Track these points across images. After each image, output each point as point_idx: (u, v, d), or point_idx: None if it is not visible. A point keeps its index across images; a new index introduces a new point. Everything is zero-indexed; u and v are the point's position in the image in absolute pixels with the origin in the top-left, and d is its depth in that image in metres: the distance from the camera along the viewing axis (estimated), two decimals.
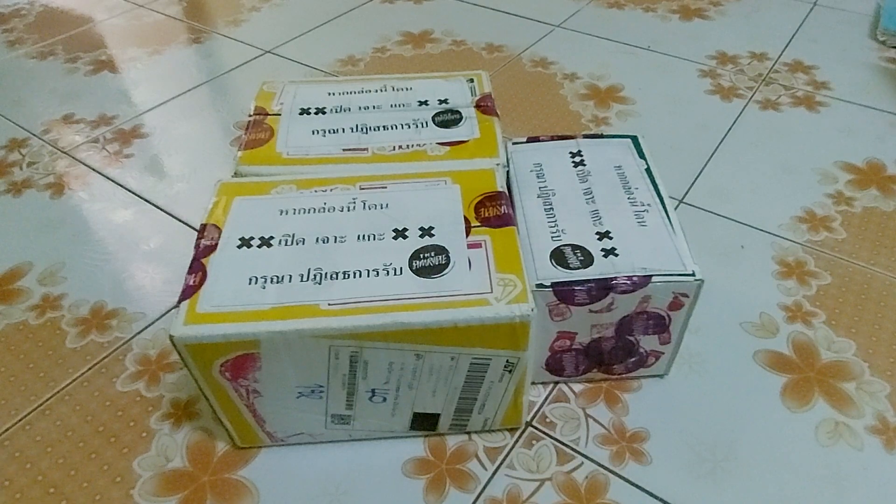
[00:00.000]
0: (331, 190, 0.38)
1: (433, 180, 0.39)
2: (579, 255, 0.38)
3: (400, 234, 0.35)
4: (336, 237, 0.35)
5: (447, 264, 0.33)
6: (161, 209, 0.58)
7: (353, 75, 0.74)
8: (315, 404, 0.36)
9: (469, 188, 0.38)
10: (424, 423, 0.38)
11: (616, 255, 0.37)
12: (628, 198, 0.41)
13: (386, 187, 0.38)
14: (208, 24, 0.87)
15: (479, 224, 0.36)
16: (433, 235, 0.35)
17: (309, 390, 0.34)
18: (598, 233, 0.39)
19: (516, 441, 0.40)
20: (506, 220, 0.36)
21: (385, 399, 0.36)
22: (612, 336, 0.39)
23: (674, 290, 0.37)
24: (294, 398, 0.35)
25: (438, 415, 0.38)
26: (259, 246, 0.35)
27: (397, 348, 0.32)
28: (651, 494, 0.37)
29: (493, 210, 0.36)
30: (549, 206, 0.41)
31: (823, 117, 0.66)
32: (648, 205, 0.41)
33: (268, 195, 0.38)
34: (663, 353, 0.41)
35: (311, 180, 0.39)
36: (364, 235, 0.35)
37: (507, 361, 0.34)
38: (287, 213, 0.37)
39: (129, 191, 0.60)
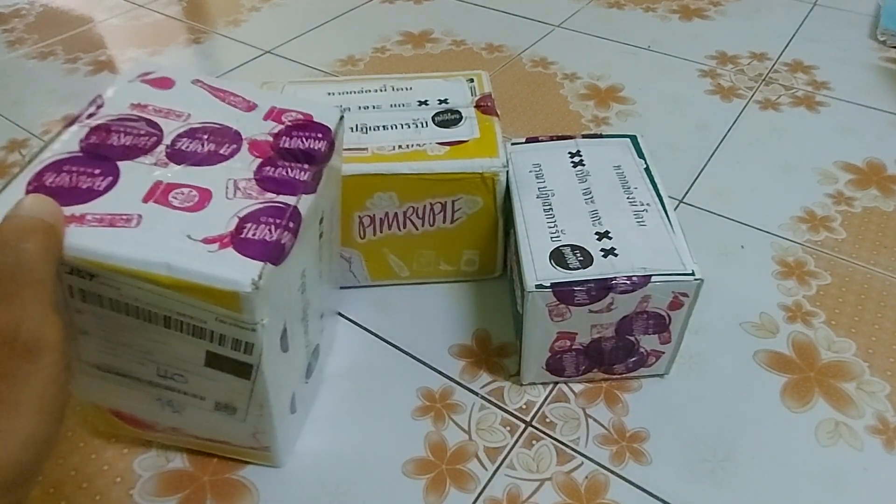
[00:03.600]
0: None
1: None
2: (579, 255, 0.38)
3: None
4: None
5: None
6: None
7: (353, 75, 0.74)
8: None
9: None
10: None
11: (615, 255, 0.37)
12: (628, 198, 0.41)
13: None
14: (208, 24, 0.87)
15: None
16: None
17: None
18: (597, 233, 0.39)
19: (516, 441, 0.40)
20: None
21: None
22: (613, 336, 0.39)
23: (673, 289, 0.37)
24: None
25: None
26: None
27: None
28: (651, 494, 0.37)
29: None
30: (548, 207, 0.41)
31: (823, 117, 0.66)
32: (648, 204, 0.41)
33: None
34: (663, 353, 0.41)
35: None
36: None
37: None
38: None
39: None
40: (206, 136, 0.32)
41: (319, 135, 0.34)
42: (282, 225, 0.29)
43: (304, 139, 0.33)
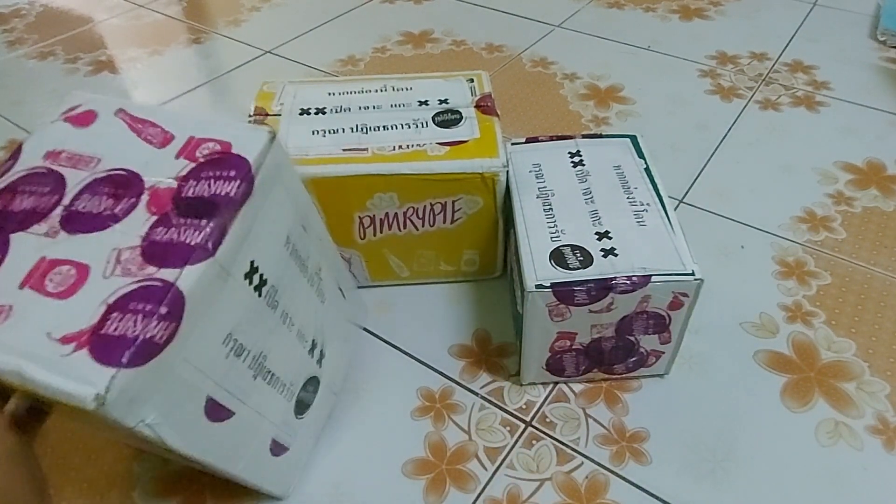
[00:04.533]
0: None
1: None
2: (579, 255, 0.38)
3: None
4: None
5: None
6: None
7: (353, 75, 0.74)
8: None
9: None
10: None
11: (615, 255, 0.37)
12: (627, 198, 0.41)
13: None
14: (208, 24, 0.87)
15: None
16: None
17: None
18: (597, 233, 0.39)
19: (516, 441, 0.40)
20: None
21: None
22: (613, 336, 0.39)
23: (673, 289, 0.37)
24: None
25: None
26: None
27: None
28: (651, 494, 0.37)
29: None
30: (548, 207, 0.41)
31: (823, 117, 0.66)
32: (648, 204, 0.41)
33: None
34: (663, 353, 0.41)
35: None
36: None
37: None
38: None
39: None
40: (106, 190, 0.30)
41: (233, 172, 0.29)
42: (152, 313, 0.25)
43: (212, 181, 0.29)
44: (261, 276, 0.31)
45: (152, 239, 0.28)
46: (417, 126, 0.44)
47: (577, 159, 0.45)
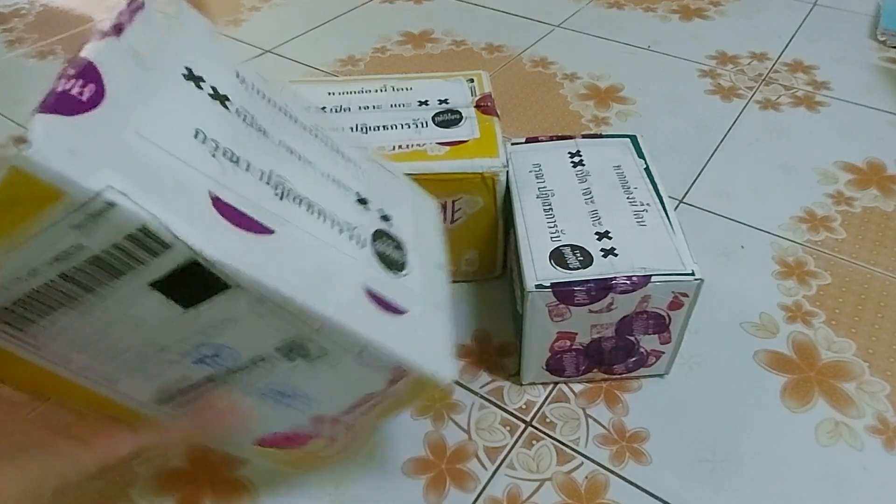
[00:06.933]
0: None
1: None
2: (579, 255, 0.38)
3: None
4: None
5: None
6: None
7: (353, 75, 0.74)
8: None
9: None
10: None
11: (615, 255, 0.37)
12: (627, 198, 0.41)
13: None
14: None
15: None
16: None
17: None
18: (597, 233, 0.39)
19: (516, 441, 0.40)
20: None
21: None
22: (612, 336, 0.39)
23: (673, 289, 0.37)
24: None
25: None
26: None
27: None
28: (651, 494, 0.37)
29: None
30: (548, 207, 0.41)
31: (823, 117, 0.66)
32: (648, 204, 0.41)
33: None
34: (663, 353, 0.41)
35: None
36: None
37: None
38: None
39: None
40: None
41: None
42: (66, 76, 0.22)
43: None
44: (213, 87, 0.27)
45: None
46: (417, 126, 0.44)
47: (577, 159, 0.45)
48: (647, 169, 0.44)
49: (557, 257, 0.38)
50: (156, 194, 0.21)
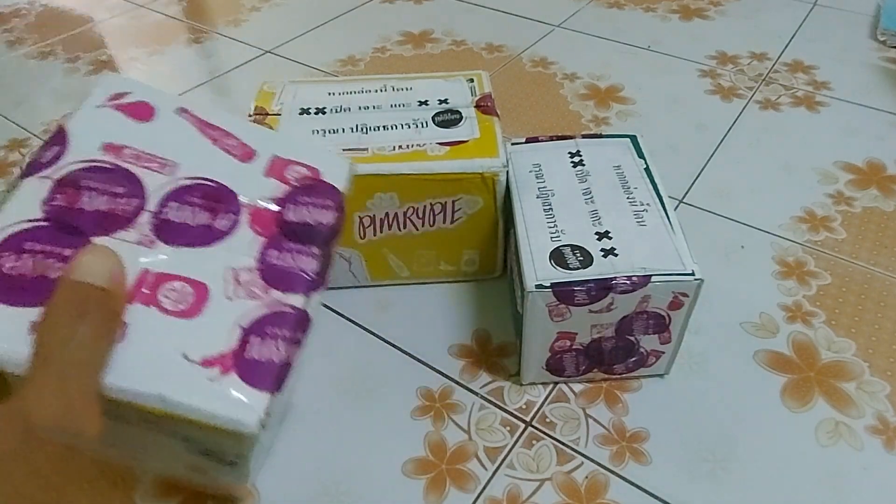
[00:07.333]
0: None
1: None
2: (579, 255, 0.38)
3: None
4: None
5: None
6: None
7: (353, 75, 0.74)
8: None
9: None
10: None
11: (615, 255, 0.37)
12: (627, 197, 0.41)
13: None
14: (208, 24, 0.87)
15: None
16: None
17: None
18: (597, 233, 0.39)
19: (516, 441, 0.40)
20: None
21: None
22: (613, 336, 0.39)
23: (673, 289, 0.37)
24: None
25: None
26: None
27: None
28: (651, 494, 0.37)
29: None
30: (548, 207, 0.41)
31: (823, 117, 0.66)
32: (648, 204, 0.41)
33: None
34: (663, 353, 0.41)
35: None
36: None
37: None
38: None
39: None
40: (198, 201, 0.27)
41: (329, 202, 0.29)
42: (290, 339, 0.24)
43: (310, 208, 0.28)
44: None
45: (268, 262, 0.26)
46: (417, 126, 0.44)
47: (577, 159, 0.45)
48: (647, 169, 0.44)
49: (557, 257, 0.38)
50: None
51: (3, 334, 0.22)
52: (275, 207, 0.28)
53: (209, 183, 0.28)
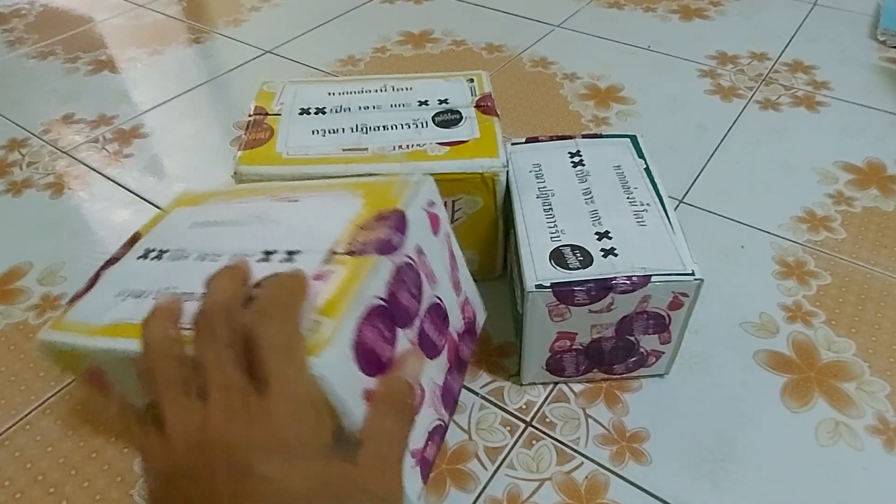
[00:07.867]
0: (242, 202, 0.35)
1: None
2: (579, 255, 0.38)
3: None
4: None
5: None
6: (161, 209, 0.58)
7: (353, 75, 0.74)
8: None
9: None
10: None
11: (615, 255, 0.37)
12: (627, 198, 0.41)
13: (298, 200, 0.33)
14: (208, 24, 0.87)
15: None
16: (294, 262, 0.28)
17: None
18: (597, 233, 0.39)
19: (516, 441, 0.40)
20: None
21: None
22: (613, 336, 0.39)
23: (673, 289, 0.37)
24: None
25: None
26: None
27: None
28: (651, 494, 0.37)
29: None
30: (548, 207, 0.41)
31: (823, 117, 0.66)
32: (648, 204, 0.41)
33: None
34: (663, 353, 0.41)
35: (231, 191, 0.37)
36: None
37: None
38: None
39: (129, 191, 0.60)
40: (437, 319, 0.31)
41: (472, 346, 0.36)
42: (438, 446, 0.30)
43: (468, 346, 0.34)
44: None
45: (447, 384, 0.32)
46: (417, 126, 0.44)
47: (577, 159, 0.45)
48: (647, 169, 0.44)
49: (557, 257, 0.38)
50: None
51: (349, 392, 0.24)
52: (457, 341, 0.33)
53: (443, 305, 0.32)
